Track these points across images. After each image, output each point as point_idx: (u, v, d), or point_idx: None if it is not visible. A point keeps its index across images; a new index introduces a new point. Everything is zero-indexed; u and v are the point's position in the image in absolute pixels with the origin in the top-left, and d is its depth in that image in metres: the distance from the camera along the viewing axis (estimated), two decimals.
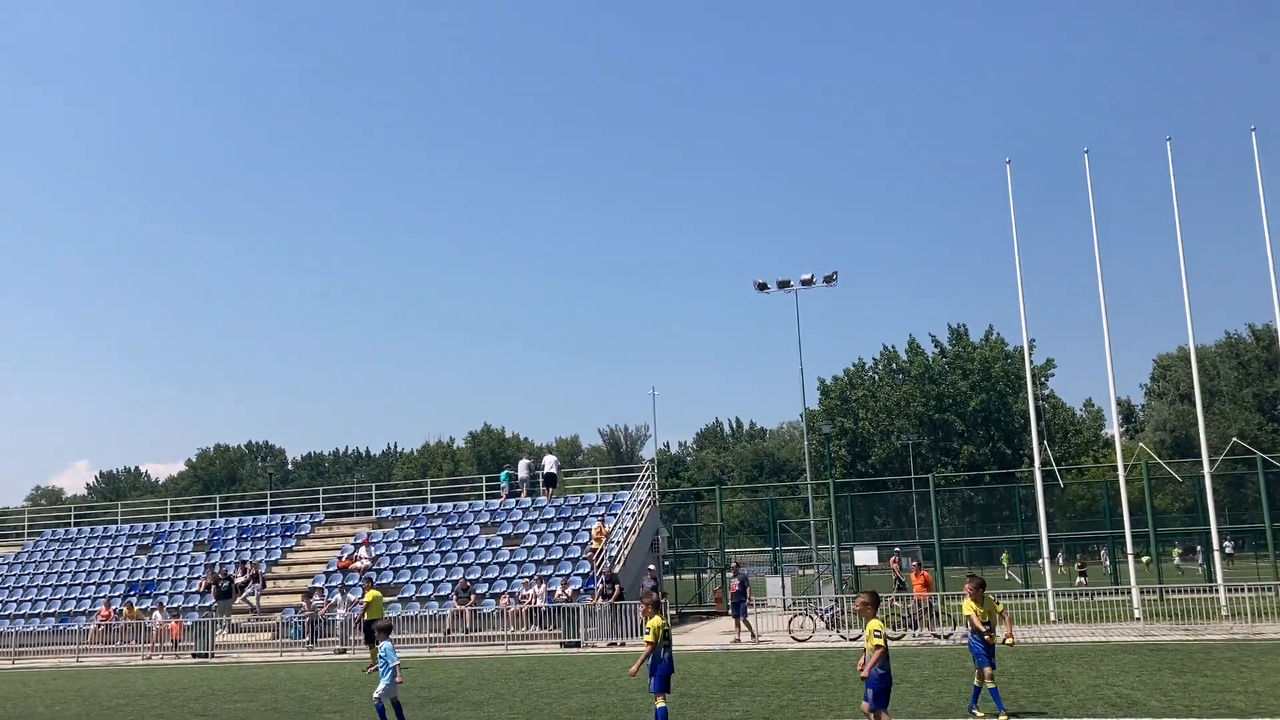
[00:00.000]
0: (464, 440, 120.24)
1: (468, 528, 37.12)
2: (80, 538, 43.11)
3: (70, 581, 39.12)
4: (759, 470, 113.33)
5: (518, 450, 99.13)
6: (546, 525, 35.94)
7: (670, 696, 17.00)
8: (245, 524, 41.56)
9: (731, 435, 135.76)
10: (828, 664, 20.73)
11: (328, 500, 44.19)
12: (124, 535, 42.55)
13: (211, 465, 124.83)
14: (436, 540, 36.60)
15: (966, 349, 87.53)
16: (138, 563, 39.73)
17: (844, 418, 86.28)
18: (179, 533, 41.85)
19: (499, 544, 35.35)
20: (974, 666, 13.52)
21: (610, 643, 27.90)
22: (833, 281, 45.56)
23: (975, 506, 61.80)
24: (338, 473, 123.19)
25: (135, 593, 36.63)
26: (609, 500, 37.08)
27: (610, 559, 31.82)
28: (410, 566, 34.98)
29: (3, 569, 41.16)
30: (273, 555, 38.15)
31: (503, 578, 32.96)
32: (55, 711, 18.41)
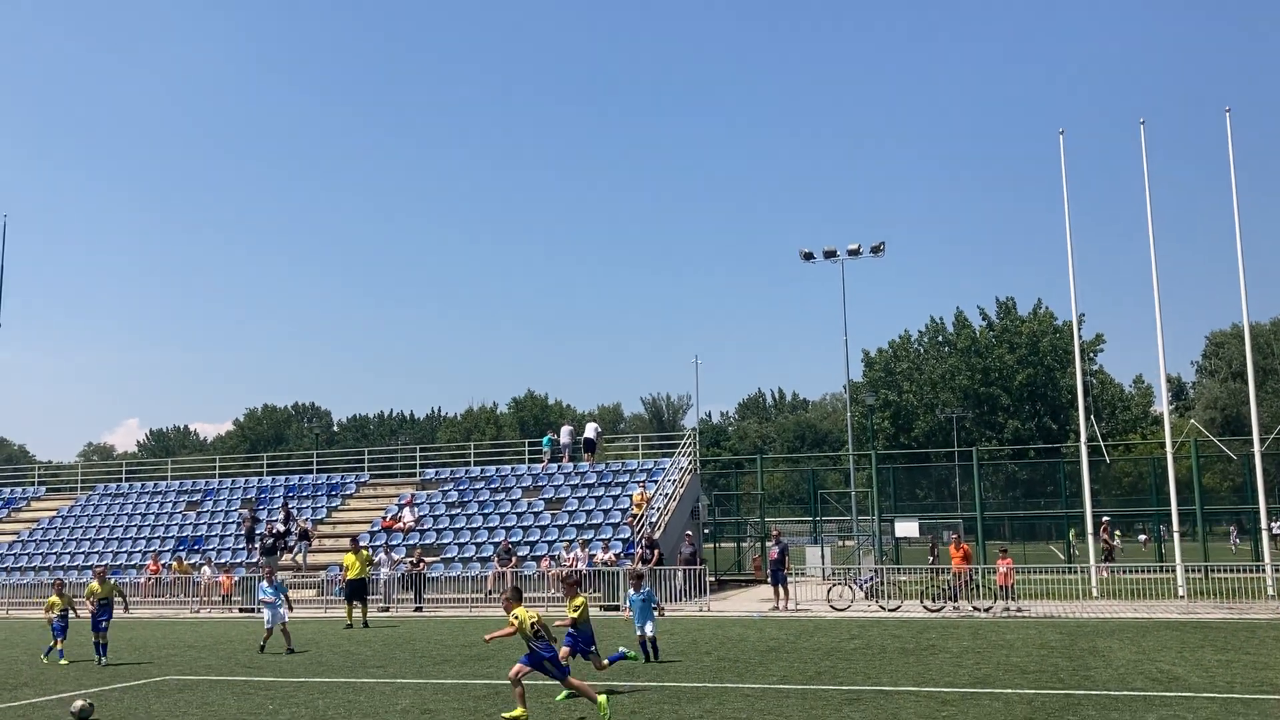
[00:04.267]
0: (507, 406, 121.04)
1: (510, 491, 37.45)
2: (131, 493, 44.01)
3: (121, 535, 40.00)
4: (800, 441, 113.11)
5: (560, 417, 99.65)
6: (588, 490, 36.17)
7: (682, 661, 17.14)
8: (292, 483, 42.22)
9: (773, 406, 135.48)
10: (865, 633, 20.76)
11: (372, 462, 44.74)
12: (173, 492, 43.38)
13: (259, 425, 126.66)
14: (479, 503, 36.97)
15: (1014, 322, 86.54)
16: (186, 519, 40.52)
17: (888, 390, 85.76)
18: (227, 490, 42.61)
19: (540, 507, 35.64)
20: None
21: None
22: (880, 252, 45.11)
23: (1019, 482, 61.31)
24: (382, 435, 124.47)
25: (184, 548, 37.39)
26: (650, 467, 37.21)
27: (650, 525, 31.98)
28: (453, 528, 35.38)
29: (56, 522, 42.19)
30: (318, 514, 38.74)
31: (544, 541, 33.27)
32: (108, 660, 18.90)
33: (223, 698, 14.10)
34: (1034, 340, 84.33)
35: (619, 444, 69.38)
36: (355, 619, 24.95)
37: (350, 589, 25.66)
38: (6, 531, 42.40)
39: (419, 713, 12.53)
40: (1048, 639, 19.10)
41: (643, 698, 13.27)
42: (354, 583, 25.68)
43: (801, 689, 13.74)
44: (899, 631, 20.91)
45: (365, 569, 26.39)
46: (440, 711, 12.58)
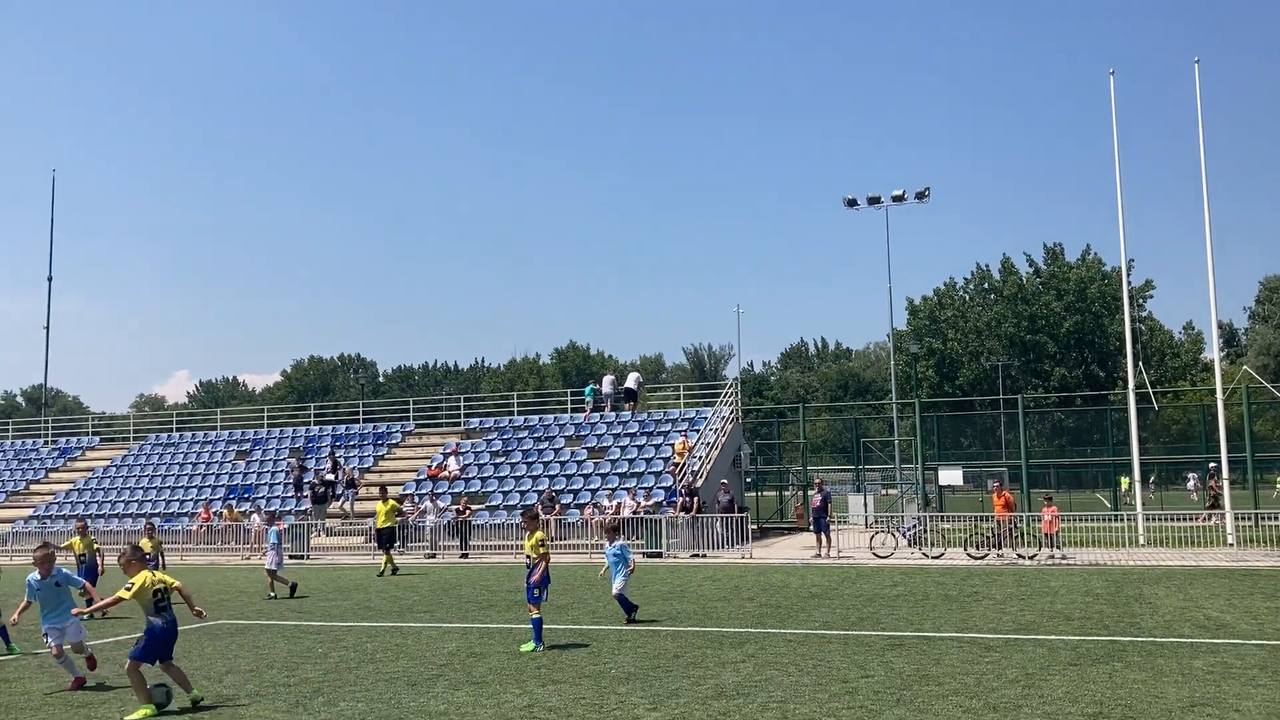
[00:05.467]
0: (550, 356, 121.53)
1: (553, 440, 37.70)
2: (182, 443, 44.83)
3: (173, 484, 40.82)
4: (843, 390, 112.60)
5: (602, 367, 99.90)
6: (630, 439, 36.32)
7: (724, 607, 17.24)
8: (339, 432, 42.77)
9: (816, 355, 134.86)
10: (908, 580, 20.75)
11: (418, 411, 45.18)
12: (223, 441, 44.13)
13: (306, 376, 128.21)
14: (523, 452, 37.26)
15: (1062, 269, 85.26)
16: (236, 468, 41.24)
17: (932, 338, 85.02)
18: (275, 440, 43.27)
19: (583, 456, 35.86)
20: None
21: (692, 554, 28.27)
22: (925, 198, 44.54)
23: (1065, 429, 60.70)
24: (427, 386, 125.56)
25: (234, 496, 38.09)
26: (692, 416, 37.25)
27: (692, 473, 32.08)
28: (497, 476, 35.73)
29: (110, 471, 43.11)
30: (365, 463, 39.27)
31: (587, 489, 33.51)
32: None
33: (273, 641, 14.40)
34: (1082, 286, 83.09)
35: (661, 394, 69.50)
36: (386, 565, 25.28)
37: (380, 537, 26.06)
38: (63, 480, 43.43)
39: (465, 655, 12.73)
40: (1093, 586, 19.00)
41: (685, 642, 13.38)
42: (383, 530, 26.07)
43: (843, 634, 13.79)
44: (942, 579, 20.89)
45: (394, 518, 26.78)
46: (486, 655, 12.76)
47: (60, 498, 41.29)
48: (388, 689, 10.69)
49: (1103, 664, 11.31)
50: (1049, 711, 9.10)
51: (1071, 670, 10.98)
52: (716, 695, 10.01)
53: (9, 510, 41.00)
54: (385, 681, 11.11)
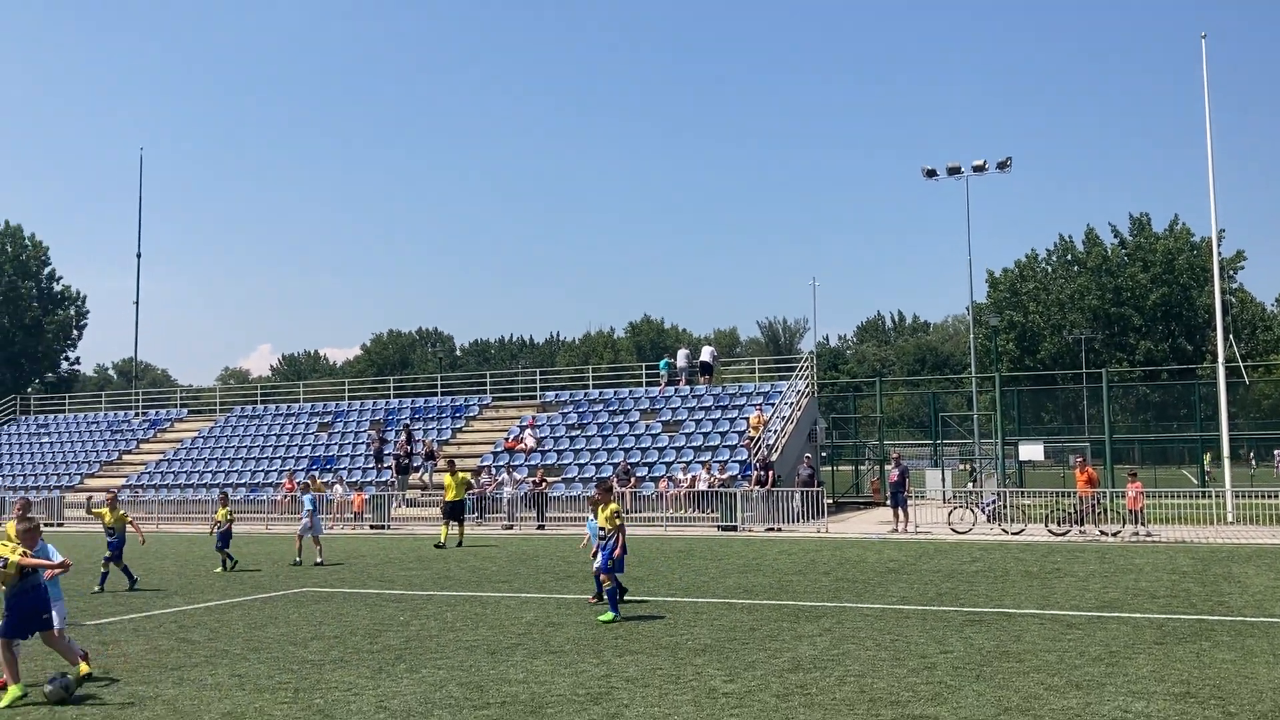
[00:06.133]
0: (624, 330, 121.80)
1: (628, 413, 37.85)
2: (266, 415, 45.91)
3: (258, 455, 41.85)
4: (921, 364, 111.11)
5: (676, 341, 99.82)
6: (704, 413, 36.32)
7: (800, 581, 17.18)
8: (418, 405, 43.44)
9: (893, 328, 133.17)
10: (987, 556, 20.49)
11: (494, 385, 45.66)
12: (306, 413, 45.09)
13: (385, 350, 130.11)
14: (598, 425, 37.48)
15: (1149, 239, 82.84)
16: (319, 439, 42.12)
17: (1013, 311, 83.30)
18: (356, 412, 44.09)
19: (658, 430, 35.96)
20: None
21: (767, 527, 28.24)
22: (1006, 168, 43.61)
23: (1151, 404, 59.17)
24: (503, 359, 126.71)
25: (317, 467, 38.92)
26: (767, 390, 37.11)
27: (767, 447, 31.99)
28: (573, 449, 35.99)
29: (198, 442, 44.34)
30: (443, 435, 39.83)
31: (661, 462, 33.62)
32: (249, 572, 19.95)
33: (356, 609, 14.72)
34: (1169, 258, 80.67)
35: (735, 367, 69.29)
36: (450, 537, 25.32)
37: (448, 509, 26.25)
38: (153, 451, 44.79)
39: (543, 625, 12.89)
40: (1179, 564, 18.57)
41: (761, 615, 13.39)
42: (452, 503, 26.25)
43: (921, 610, 13.68)
44: (1022, 555, 20.59)
45: (463, 490, 26.93)
46: (563, 625, 12.91)
47: (151, 468, 42.60)
48: (467, 657, 10.88)
49: (1189, 643, 11.06)
50: (1134, 690, 8.94)
51: (1157, 649, 10.76)
52: (793, 668, 10.01)
53: (103, 479, 42.40)
54: (465, 650, 11.31)
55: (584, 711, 8.47)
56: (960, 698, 8.74)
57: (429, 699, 8.99)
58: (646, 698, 8.91)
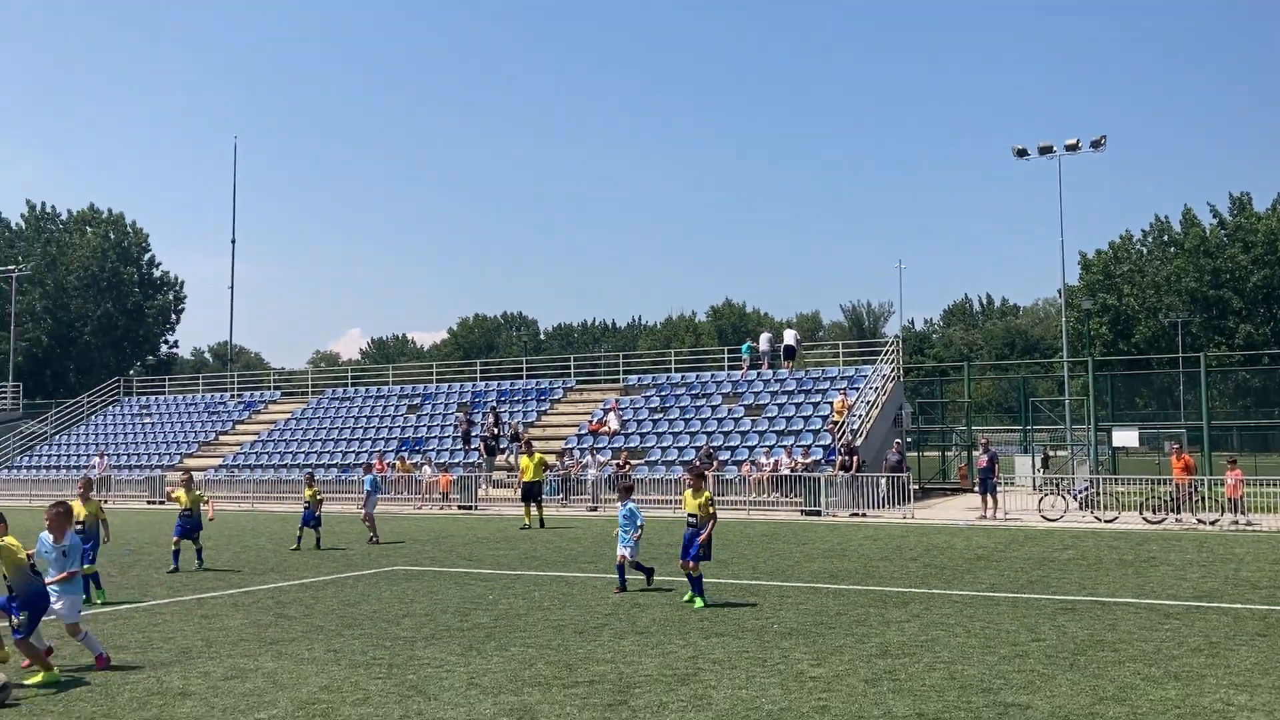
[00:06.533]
0: (705, 314, 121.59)
1: (710, 397, 37.83)
2: (356, 397, 46.87)
3: (349, 436, 42.76)
4: (1009, 349, 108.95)
5: (758, 325, 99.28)
6: (788, 397, 36.13)
7: (887, 566, 17.00)
8: (504, 388, 43.96)
9: (981, 312, 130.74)
10: (1079, 543, 20.07)
11: (578, 368, 45.99)
12: (395, 396, 45.93)
13: (471, 334, 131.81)
14: (680, 408, 37.53)
15: (1250, 219, 79.97)
16: (408, 421, 42.88)
17: (1106, 294, 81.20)
18: (444, 395, 44.77)
19: (740, 413, 35.88)
20: None
21: (851, 513, 28.03)
22: (1100, 146, 42.36)
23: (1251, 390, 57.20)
24: (585, 343, 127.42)
25: (406, 448, 39.65)
26: (851, 374, 36.78)
27: (852, 432, 31.71)
28: (655, 432, 36.11)
29: (291, 423, 45.47)
30: (528, 417, 40.25)
31: (744, 446, 33.55)
32: (349, 548, 20.45)
33: (446, 587, 15.00)
34: (1272, 238, 77.81)
35: (818, 351, 68.75)
36: (532, 518, 25.53)
37: (525, 490, 26.35)
38: (249, 432, 46.06)
39: (629, 606, 12.99)
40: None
41: (847, 600, 13.32)
42: (528, 484, 26.34)
43: (1012, 597, 13.47)
44: (1116, 543, 20.13)
45: (540, 472, 27.05)
46: (649, 606, 12.99)
47: (245, 448, 43.81)
48: (556, 636, 11.02)
49: None
50: (1236, 682, 8.70)
51: (1260, 641, 10.45)
52: (881, 654, 9.95)
53: (200, 459, 43.78)
54: (554, 629, 11.45)
55: (671, 692, 8.53)
56: (1054, 686, 8.60)
57: (518, 676, 9.14)
58: (734, 680, 8.94)
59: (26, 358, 73.98)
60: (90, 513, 14.02)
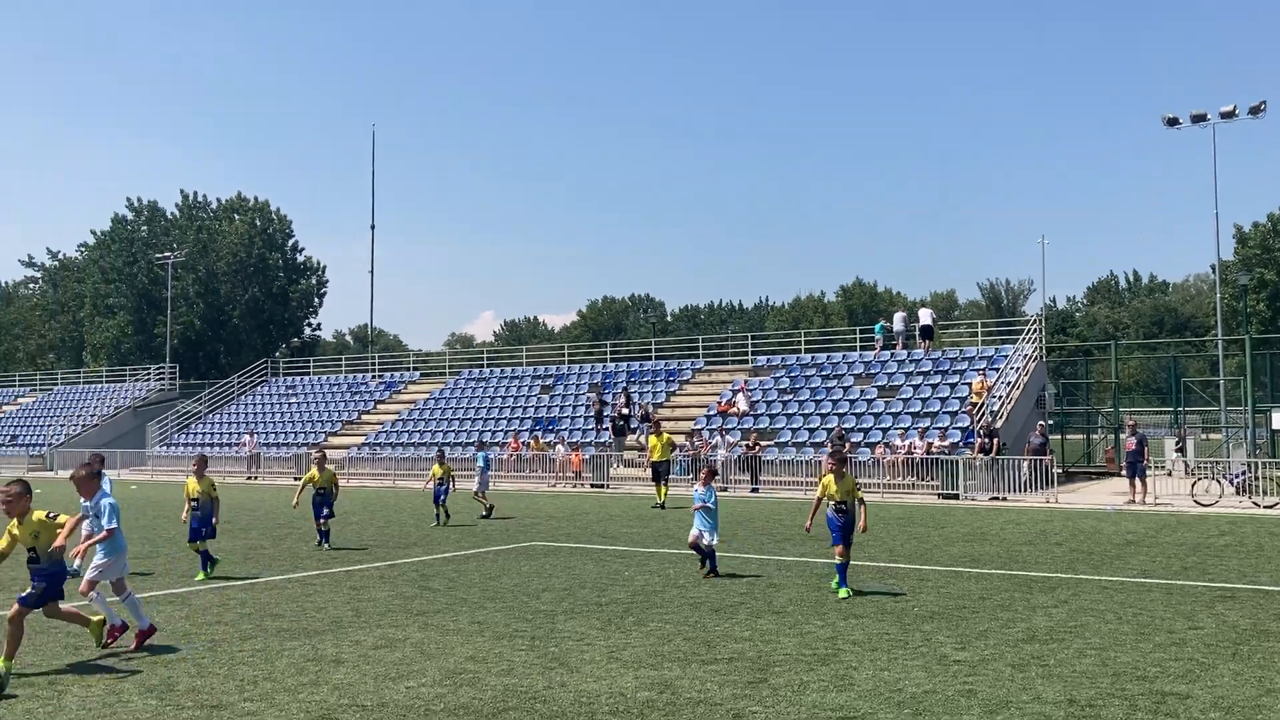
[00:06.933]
0: (834, 294, 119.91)
1: (841, 378, 37.34)
2: (492, 377, 47.85)
3: (485, 416, 43.70)
4: (1158, 327, 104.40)
5: (890, 304, 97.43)
6: (923, 378, 35.39)
7: (1030, 551, 16.47)
8: (633, 369, 44.25)
9: (1128, 289, 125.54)
10: (1236, 529, 19.14)
11: (706, 349, 45.97)
12: (528, 376, 46.72)
13: (600, 316, 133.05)
14: (811, 389, 37.15)
15: None
16: (541, 401, 43.58)
17: (1264, 268, 76.97)
18: (575, 375, 45.34)
19: (873, 395, 35.32)
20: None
21: (991, 497, 27.33)
22: (1259, 113, 40.14)
23: None
24: (712, 325, 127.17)
25: (540, 428, 40.31)
26: (990, 354, 35.79)
27: (991, 413, 30.89)
28: (785, 414, 35.85)
29: (430, 403, 46.72)
30: (658, 398, 40.44)
31: (877, 428, 33.02)
32: (490, 525, 20.90)
33: (582, 563, 15.20)
34: None
35: (953, 331, 67.09)
36: (664, 496, 25.50)
37: (655, 470, 26.38)
38: (389, 411, 47.51)
39: (764, 586, 12.94)
40: None
41: (990, 584, 13.00)
42: (656, 463, 26.37)
43: (1165, 584, 12.93)
44: (1277, 529, 19.12)
45: (668, 451, 27.00)
46: (785, 586, 12.92)
47: (386, 427, 45.21)
48: (692, 613, 11.05)
49: None
50: None
51: None
52: (1028, 639, 9.67)
53: (344, 438, 45.38)
54: (690, 606, 11.49)
55: (812, 671, 8.46)
56: (1214, 676, 8.22)
57: (658, 652, 9.19)
58: (875, 661, 8.82)
59: (181, 340, 77.76)
60: (203, 490, 14.18)
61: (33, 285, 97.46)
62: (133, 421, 55.53)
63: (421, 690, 7.91)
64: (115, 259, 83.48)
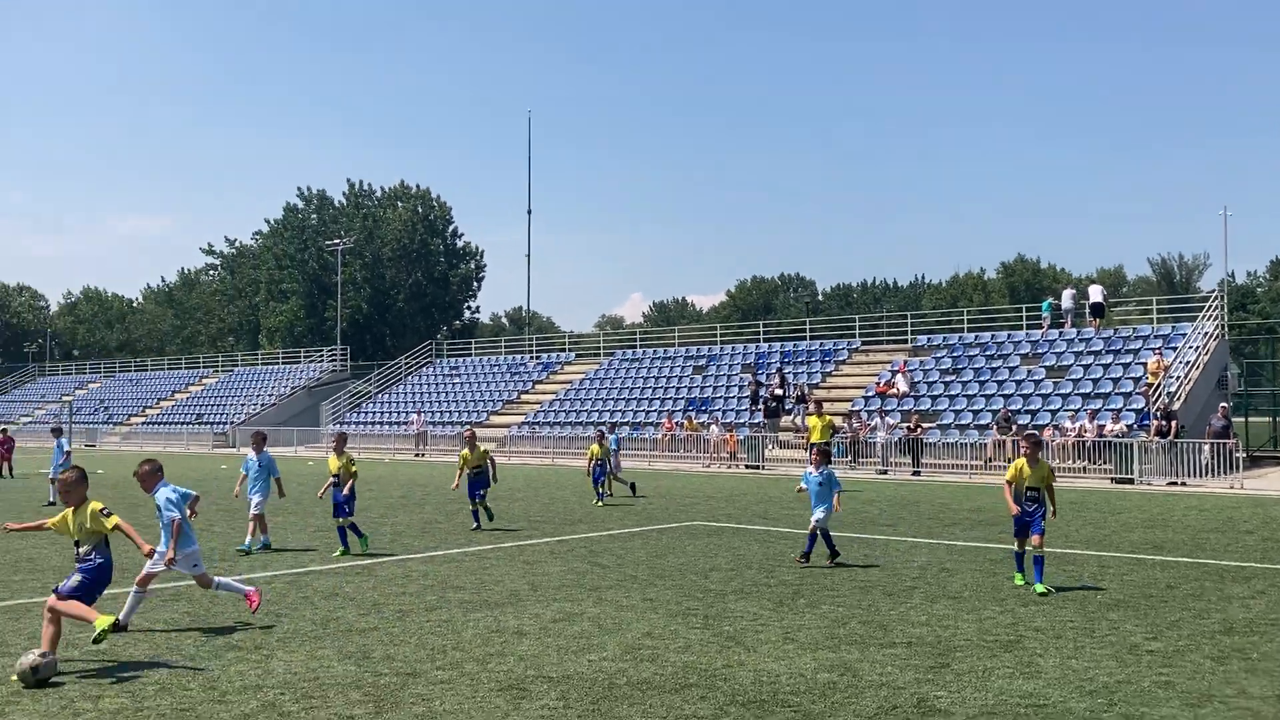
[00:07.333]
0: (995, 271, 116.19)
1: (1007, 358, 36.22)
2: (644, 359, 48.26)
3: (639, 396, 44.12)
4: None
5: (1054, 281, 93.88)
6: (1094, 357, 34.01)
7: (1218, 539, 15.63)
8: (787, 349, 43.93)
9: None
10: None
11: (861, 329, 45.23)
12: (680, 357, 46.93)
13: (749, 296, 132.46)
14: (974, 370, 36.16)
15: None
16: (694, 381, 43.72)
17: None
18: (727, 356, 45.31)
19: (1041, 375, 34.14)
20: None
21: (1169, 481, 26.12)
22: None
23: None
24: (865, 304, 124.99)
25: (693, 408, 40.45)
26: (1167, 333, 34.12)
27: (1168, 395, 29.47)
28: (948, 395, 35.00)
29: (585, 384, 47.44)
30: (813, 379, 40.06)
31: (1046, 410, 31.92)
32: (649, 502, 21.16)
33: (746, 543, 15.23)
34: None
35: (1123, 308, 64.18)
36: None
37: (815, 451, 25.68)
38: (547, 391, 48.48)
39: (936, 570, 12.71)
40: None
41: (1177, 572, 12.44)
42: (817, 445, 25.63)
43: None
44: None
45: (828, 433, 26.32)
46: (958, 571, 12.66)
47: (545, 407, 46.14)
48: (864, 597, 10.94)
49: None
50: None
51: None
52: (1224, 630, 9.22)
53: (505, 417, 46.54)
54: (860, 589, 11.38)
55: (995, 658, 8.27)
56: None
57: (833, 634, 9.14)
58: (1061, 649, 8.56)
59: (350, 324, 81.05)
60: (341, 466, 14.47)
61: (212, 272, 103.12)
62: (307, 401, 58.30)
63: (604, 664, 8.08)
64: (288, 246, 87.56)
